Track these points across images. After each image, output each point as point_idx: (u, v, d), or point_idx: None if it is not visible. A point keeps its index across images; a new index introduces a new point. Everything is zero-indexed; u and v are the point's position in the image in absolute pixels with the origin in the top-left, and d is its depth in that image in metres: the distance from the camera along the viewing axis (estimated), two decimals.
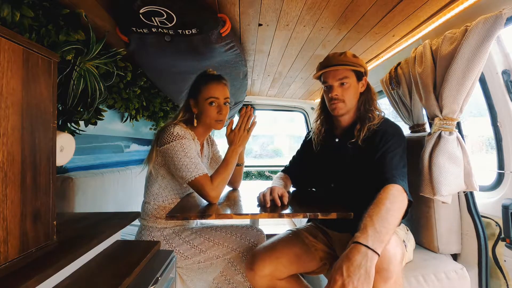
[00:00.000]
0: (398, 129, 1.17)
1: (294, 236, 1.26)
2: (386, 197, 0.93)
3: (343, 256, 0.82)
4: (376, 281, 0.81)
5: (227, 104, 1.32)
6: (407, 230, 1.21)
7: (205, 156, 1.44)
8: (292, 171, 1.46)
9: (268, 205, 1.07)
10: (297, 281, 1.23)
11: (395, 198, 0.94)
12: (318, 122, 1.37)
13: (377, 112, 1.22)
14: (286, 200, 1.09)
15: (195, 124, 1.32)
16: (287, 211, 1.02)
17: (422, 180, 1.22)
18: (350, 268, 0.77)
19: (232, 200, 1.26)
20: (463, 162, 1.18)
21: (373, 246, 0.81)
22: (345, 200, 1.14)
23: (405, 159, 1.11)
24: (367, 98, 1.23)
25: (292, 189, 1.45)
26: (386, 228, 0.86)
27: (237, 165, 1.50)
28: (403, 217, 0.98)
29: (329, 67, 1.19)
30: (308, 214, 0.98)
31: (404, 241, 1.09)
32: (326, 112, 1.33)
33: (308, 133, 1.49)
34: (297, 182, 1.45)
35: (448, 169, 1.16)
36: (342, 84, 1.19)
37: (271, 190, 1.12)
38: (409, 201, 0.99)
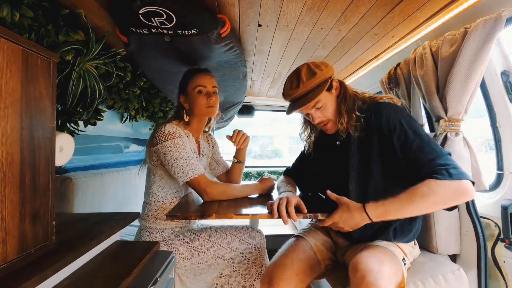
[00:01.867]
0: (400, 110, 1.05)
1: (304, 244, 1.19)
2: (420, 194, 0.87)
3: (347, 206, 0.96)
4: None
5: (216, 93, 1.34)
6: (415, 244, 1.18)
7: (204, 154, 1.44)
8: (295, 175, 1.40)
9: (286, 219, 0.95)
10: None
11: (431, 193, 0.86)
12: (306, 135, 1.31)
13: (360, 97, 1.13)
14: (304, 208, 0.99)
15: (186, 119, 1.32)
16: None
17: None
18: (347, 221, 0.95)
19: (232, 200, 1.26)
20: (470, 162, 1.19)
21: (373, 218, 0.92)
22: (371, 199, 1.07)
23: (428, 136, 0.98)
24: (345, 96, 1.13)
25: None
26: (398, 214, 0.90)
27: (238, 162, 1.50)
28: (453, 208, 0.91)
29: (296, 109, 1.12)
30: (308, 214, 0.97)
31: (404, 259, 1.06)
32: (312, 125, 1.28)
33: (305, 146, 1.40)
34: (302, 186, 1.38)
35: None
36: (317, 108, 1.12)
37: (288, 202, 0.98)
38: (470, 182, 0.88)
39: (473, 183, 0.89)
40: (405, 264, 1.05)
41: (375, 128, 1.04)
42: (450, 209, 0.92)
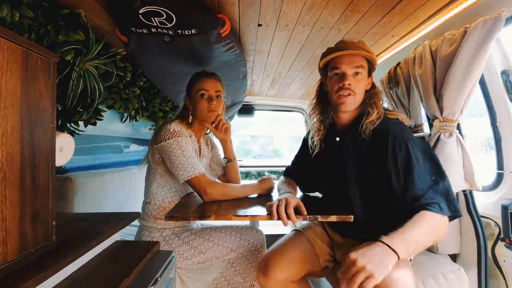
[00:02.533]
0: (407, 131, 1.04)
1: (302, 236, 1.21)
2: (422, 221, 0.88)
3: (364, 244, 0.83)
4: None
5: (220, 97, 1.34)
6: None
7: (204, 156, 1.45)
8: (295, 174, 1.38)
9: (285, 221, 0.94)
10: (306, 285, 1.21)
11: (429, 226, 0.87)
12: (316, 119, 1.24)
13: (377, 109, 1.10)
14: (303, 210, 0.97)
15: (190, 120, 1.34)
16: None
17: None
18: (367, 252, 0.79)
19: (232, 200, 1.26)
20: (462, 163, 1.19)
21: (395, 247, 0.80)
22: (351, 203, 1.09)
23: (432, 163, 0.99)
24: (370, 95, 1.12)
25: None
26: (415, 244, 0.85)
27: (228, 161, 1.50)
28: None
29: (345, 50, 1.06)
30: (308, 216, 0.97)
31: (410, 259, 1.07)
32: (324, 107, 1.22)
33: (308, 133, 1.36)
34: (302, 186, 1.37)
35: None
36: (356, 73, 1.07)
37: (287, 204, 0.96)
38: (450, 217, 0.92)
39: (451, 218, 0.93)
40: (411, 264, 1.06)
41: (380, 143, 1.03)
42: None
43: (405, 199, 0.95)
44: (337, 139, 1.17)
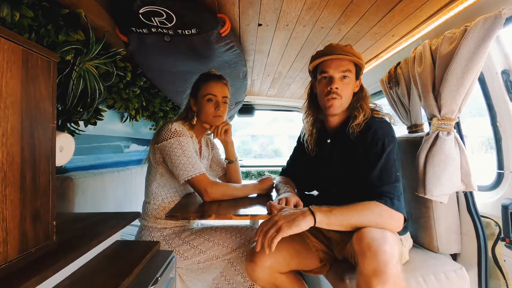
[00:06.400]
0: (388, 129, 1.09)
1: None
2: (368, 208, 0.94)
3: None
4: (374, 285, 0.80)
5: (226, 102, 1.34)
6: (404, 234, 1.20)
7: (204, 157, 1.45)
8: (291, 174, 1.41)
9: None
10: (296, 279, 1.22)
11: (373, 214, 0.93)
12: (308, 122, 1.30)
13: (363, 112, 1.14)
14: (301, 207, 1.03)
15: (194, 122, 1.34)
16: None
17: (418, 179, 1.22)
18: (287, 213, 0.92)
19: (232, 200, 1.26)
20: (460, 163, 1.18)
21: (315, 213, 0.90)
22: (343, 201, 1.10)
23: (397, 163, 1.04)
24: (358, 98, 1.17)
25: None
26: (340, 221, 0.91)
27: (230, 162, 1.50)
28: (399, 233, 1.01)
29: (333, 55, 1.10)
30: None
31: (401, 240, 1.09)
32: (316, 110, 1.27)
33: (303, 135, 1.39)
34: (298, 185, 1.39)
35: (442, 170, 1.16)
36: (344, 77, 1.11)
37: (287, 202, 1.04)
38: (404, 217, 0.97)
39: (405, 220, 1.00)
40: (402, 244, 1.09)
41: (363, 139, 1.07)
42: None
43: (364, 186, 1.01)
44: (328, 141, 1.23)
